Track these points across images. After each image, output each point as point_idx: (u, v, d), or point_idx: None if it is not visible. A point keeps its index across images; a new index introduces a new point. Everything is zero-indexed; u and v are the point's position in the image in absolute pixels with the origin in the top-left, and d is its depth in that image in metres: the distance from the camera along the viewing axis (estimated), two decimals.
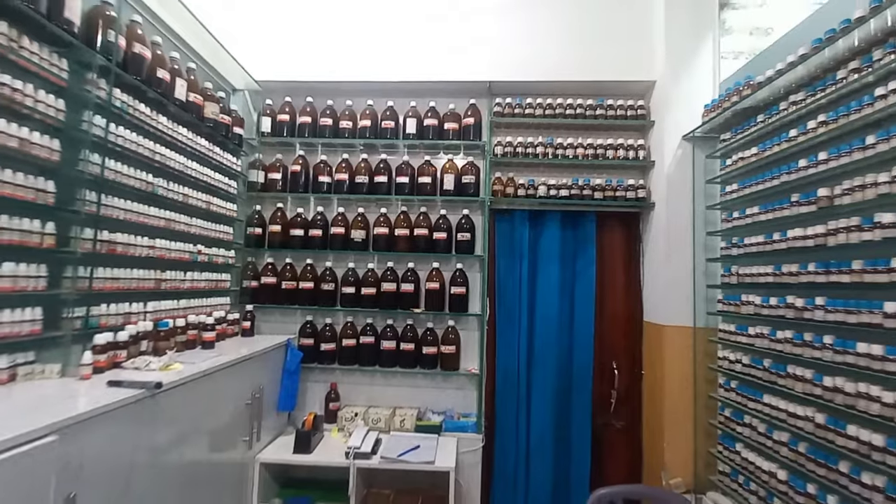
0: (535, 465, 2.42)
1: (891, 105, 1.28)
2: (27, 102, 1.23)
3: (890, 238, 1.27)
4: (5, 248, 1.19)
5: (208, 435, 1.61)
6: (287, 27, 2.51)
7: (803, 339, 1.55)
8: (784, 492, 1.60)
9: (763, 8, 2.30)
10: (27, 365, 1.27)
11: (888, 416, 1.24)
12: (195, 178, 2.01)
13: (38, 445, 0.90)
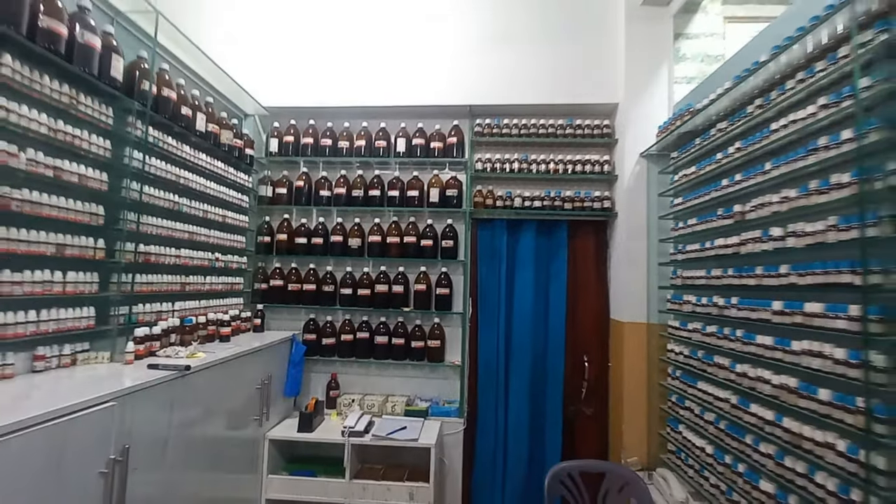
0: (512, 446, 2.72)
1: (781, 137, 1.55)
2: (83, 145, 1.57)
3: (779, 248, 1.55)
4: (69, 260, 1.53)
5: (226, 413, 1.94)
6: (292, 59, 2.84)
7: (723, 333, 1.82)
8: (710, 464, 1.87)
9: (714, 38, 2.56)
10: (84, 352, 1.61)
11: (775, 395, 1.51)
12: (213, 196, 2.34)
13: (104, 408, 1.23)
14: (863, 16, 1.23)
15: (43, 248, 1.43)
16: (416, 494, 2.23)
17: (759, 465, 1.57)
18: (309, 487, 2.26)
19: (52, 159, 1.45)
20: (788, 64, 1.54)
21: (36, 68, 1.39)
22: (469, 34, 2.78)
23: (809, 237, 1.40)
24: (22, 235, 1.37)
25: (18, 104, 1.34)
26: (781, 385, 1.48)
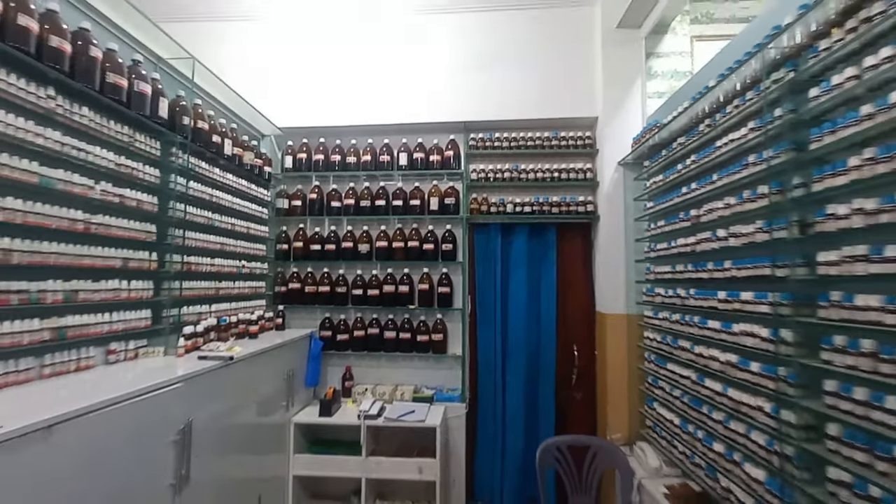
0: (510, 427, 3.01)
1: (724, 153, 1.83)
2: (139, 175, 1.88)
3: (724, 247, 1.83)
4: (132, 272, 1.84)
5: (259, 399, 2.25)
6: (303, 83, 3.14)
7: (685, 320, 2.11)
8: (677, 434, 2.16)
9: (682, 56, 2.85)
10: (143, 347, 1.92)
11: (723, 370, 1.80)
12: (238, 210, 2.65)
13: (174, 388, 1.54)
14: (776, 57, 1.52)
15: (112, 262, 1.74)
16: (425, 469, 2.53)
17: (713, 430, 1.86)
18: (330, 464, 2.57)
19: (118, 188, 1.76)
20: (729, 90, 1.82)
21: (104, 115, 1.70)
22: (462, 57, 3.07)
23: (744, 238, 1.69)
24: (98, 252, 1.68)
25: (94, 146, 1.65)
26: (727, 361, 1.77)
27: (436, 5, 3.07)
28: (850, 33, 1.24)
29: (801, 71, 1.42)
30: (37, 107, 1.43)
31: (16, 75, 1.37)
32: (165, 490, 1.51)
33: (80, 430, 1.19)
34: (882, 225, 1.14)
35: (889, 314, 1.11)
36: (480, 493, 2.99)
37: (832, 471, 1.27)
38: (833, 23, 1.30)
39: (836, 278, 1.29)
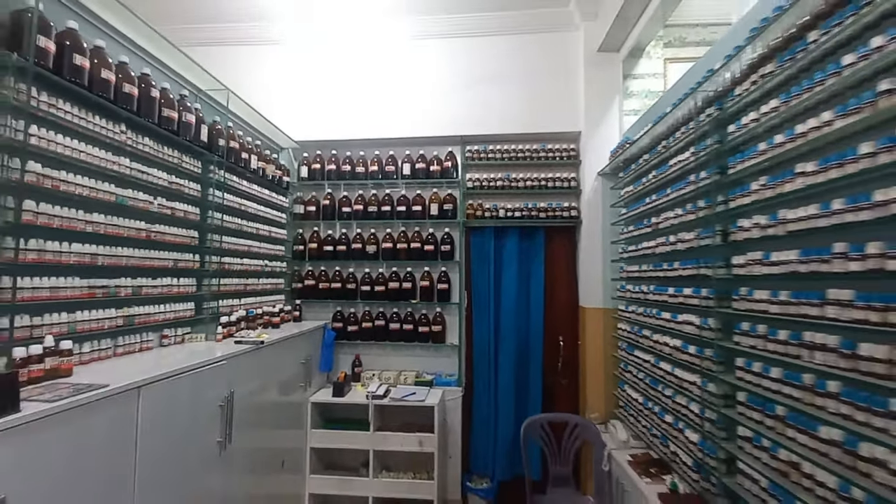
0: (501, 408, 3.37)
1: (676, 170, 2.17)
2: (185, 190, 2.26)
3: (674, 251, 2.17)
4: (180, 271, 2.22)
5: (282, 380, 2.63)
6: (316, 101, 3.50)
7: (648, 312, 2.45)
8: (641, 411, 2.51)
9: (655, 77, 3.17)
10: (188, 333, 2.30)
11: (671, 353, 2.14)
12: (262, 216, 3.03)
13: (220, 365, 1.92)
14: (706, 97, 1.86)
15: (166, 263, 2.13)
16: (425, 442, 2.90)
17: (665, 404, 2.21)
18: (342, 438, 2.95)
19: (170, 202, 2.15)
20: (679, 118, 2.16)
21: (160, 142, 2.08)
22: (459, 77, 3.42)
23: (687, 243, 2.03)
24: (156, 255, 2.06)
25: (153, 168, 2.03)
26: (674, 346, 2.12)
27: (435, 32, 3.42)
28: (753, 84, 1.58)
29: (724, 110, 1.76)
30: (113, 140, 1.81)
31: (98, 116, 1.75)
32: (215, 445, 1.89)
33: (159, 392, 1.56)
34: (770, 237, 1.49)
35: (773, 304, 1.45)
36: (475, 467, 3.36)
37: (740, 429, 1.62)
38: (744, 75, 1.64)
39: (744, 277, 1.63)
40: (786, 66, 1.40)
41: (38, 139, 1.48)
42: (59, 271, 1.59)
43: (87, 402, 1.27)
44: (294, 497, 2.85)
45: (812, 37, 1.30)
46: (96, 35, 1.78)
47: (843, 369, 1.18)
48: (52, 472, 1.17)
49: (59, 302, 1.58)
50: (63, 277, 1.60)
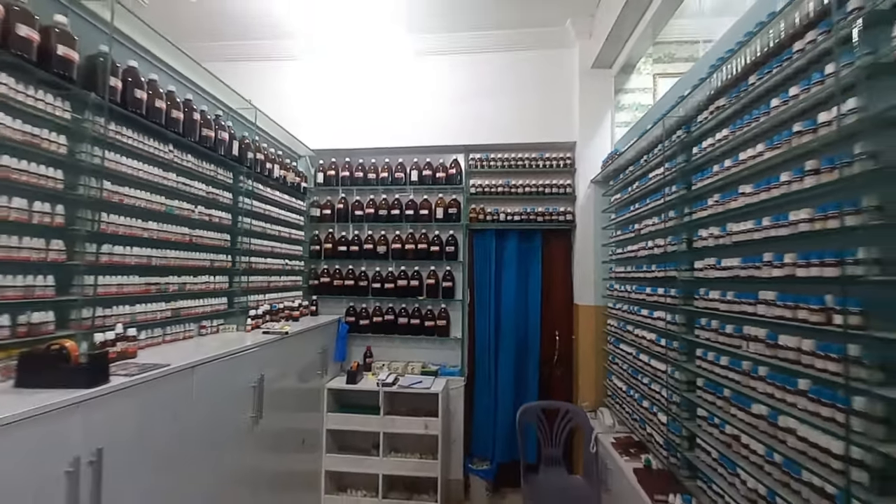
0: (501, 397, 3.65)
1: (653, 183, 2.42)
2: (220, 199, 2.57)
3: (651, 255, 2.43)
4: (216, 269, 2.53)
5: (302, 367, 2.93)
6: (331, 113, 3.79)
7: (631, 309, 2.72)
8: (624, 398, 2.78)
9: (645, 92, 3.41)
10: (222, 325, 2.61)
11: (648, 346, 2.41)
12: (283, 219, 3.34)
13: (253, 351, 2.23)
14: (675, 120, 2.11)
15: (204, 263, 2.44)
16: (430, 425, 3.20)
17: (643, 391, 2.48)
18: (355, 420, 3.26)
19: (208, 210, 2.46)
20: (657, 136, 2.41)
21: (200, 158, 2.39)
22: (463, 90, 3.69)
23: (661, 248, 2.29)
24: (197, 256, 2.37)
25: (194, 181, 2.33)
26: (650, 339, 2.38)
27: (439, 49, 3.69)
28: (711, 114, 1.83)
29: (690, 133, 2.01)
30: (164, 159, 2.12)
31: (152, 139, 2.05)
32: (248, 419, 2.21)
33: (207, 372, 1.87)
34: (721, 246, 1.75)
35: (723, 303, 1.72)
36: (476, 450, 3.65)
37: (699, 410, 1.89)
38: (704, 105, 1.89)
39: (702, 279, 1.89)
40: (733, 102, 1.66)
41: (108, 162, 1.79)
42: (123, 271, 1.90)
43: (156, 377, 1.58)
44: (312, 473, 3.16)
45: (751, 80, 1.56)
46: (149, 69, 2.09)
47: (768, 356, 1.45)
48: (131, 431, 1.48)
49: (124, 297, 1.90)
50: (126, 276, 1.91)
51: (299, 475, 2.95)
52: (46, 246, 1.55)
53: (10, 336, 1.43)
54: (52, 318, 1.57)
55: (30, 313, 1.50)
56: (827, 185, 1.21)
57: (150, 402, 1.57)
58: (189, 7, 3.33)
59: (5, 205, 1.42)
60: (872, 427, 1.06)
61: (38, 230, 1.52)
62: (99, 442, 1.33)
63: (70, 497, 1.23)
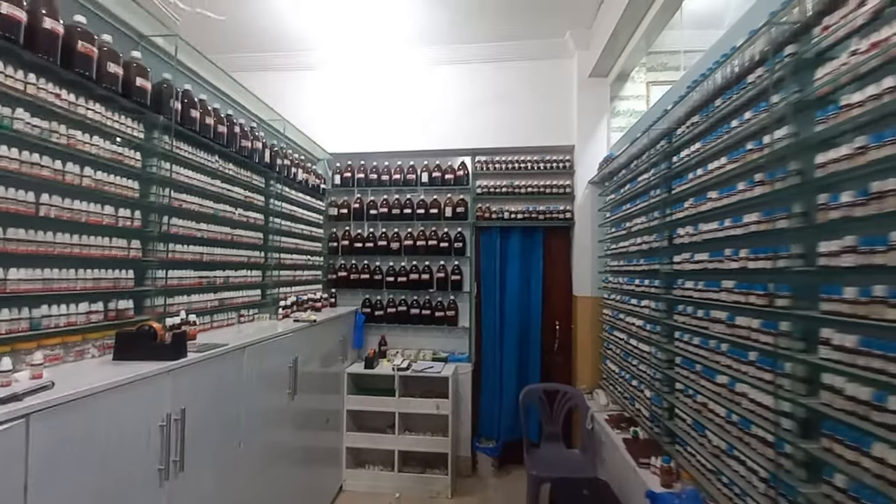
0: (506, 381, 3.96)
1: (641, 186, 2.71)
2: (254, 201, 2.87)
3: (639, 250, 2.72)
4: (251, 264, 2.85)
5: (325, 353, 3.25)
6: (348, 119, 4.09)
7: (623, 299, 3.01)
8: (617, 379, 3.09)
9: (639, 99, 3.69)
10: (257, 314, 2.93)
11: (636, 331, 2.70)
12: (306, 219, 3.65)
13: (288, 336, 2.55)
14: (660, 132, 2.40)
15: (243, 259, 2.75)
16: (441, 406, 3.51)
17: (632, 371, 2.78)
18: (373, 401, 3.58)
19: (246, 212, 2.77)
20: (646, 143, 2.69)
21: (239, 166, 2.69)
22: (470, 98, 3.97)
23: (647, 244, 2.59)
24: (237, 253, 2.69)
25: (235, 186, 2.64)
26: (638, 325, 2.68)
27: (448, 58, 3.97)
28: (687, 129, 2.12)
29: (671, 144, 2.30)
30: (211, 168, 2.43)
31: (202, 151, 2.36)
32: (287, 395, 2.53)
33: (255, 352, 2.19)
34: (695, 243, 2.04)
35: (695, 291, 2.01)
36: (483, 430, 3.97)
37: (677, 384, 2.19)
38: (682, 120, 2.17)
39: (680, 272, 2.18)
40: (704, 119, 1.94)
41: (173, 173, 2.10)
42: (183, 266, 2.21)
43: (219, 355, 1.90)
44: (334, 450, 3.49)
45: (717, 102, 1.85)
46: (199, 90, 2.39)
47: (728, 335, 1.74)
48: (203, 396, 1.79)
49: (183, 288, 2.21)
50: (184, 270, 2.22)
51: (324, 451, 3.28)
52: (128, 245, 1.86)
53: (103, 319, 1.75)
54: (132, 304, 1.88)
55: (116, 301, 1.82)
56: (769, 194, 1.50)
57: (215, 375, 1.89)
58: (217, 22, 3.63)
59: (99, 211, 1.73)
60: (797, 385, 1.36)
61: (122, 232, 1.84)
62: (182, 403, 1.65)
63: (164, 444, 1.56)
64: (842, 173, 1.21)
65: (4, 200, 1.39)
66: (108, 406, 1.35)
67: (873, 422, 1.10)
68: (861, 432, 1.13)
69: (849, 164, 1.18)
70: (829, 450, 1.24)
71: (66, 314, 1.60)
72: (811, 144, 1.32)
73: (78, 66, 1.58)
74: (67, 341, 1.58)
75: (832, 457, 1.22)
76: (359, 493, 3.52)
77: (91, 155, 1.68)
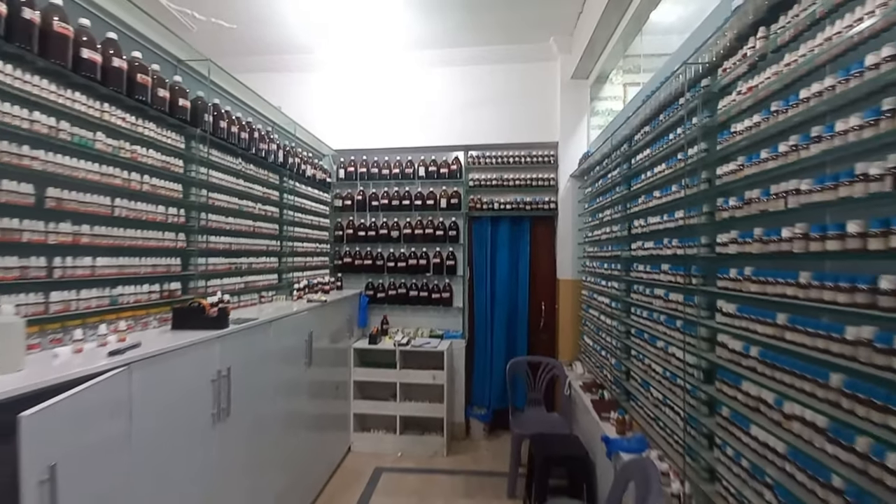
0: (496, 356, 4.40)
1: (609, 182, 3.09)
2: (271, 197, 3.27)
3: (609, 238, 3.12)
4: (270, 252, 3.26)
5: (334, 330, 3.68)
6: (351, 117, 4.45)
7: (596, 281, 3.42)
8: (591, 352, 3.52)
9: (616, 99, 4.04)
10: (274, 295, 3.35)
11: (608, 309, 3.12)
12: (314, 210, 4.05)
13: (304, 313, 2.97)
14: (623, 136, 2.78)
15: (262, 247, 3.16)
16: (437, 376, 3.96)
17: (601, 343, 3.21)
18: (377, 373, 4.03)
19: (264, 206, 3.16)
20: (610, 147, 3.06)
21: (258, 166, 3.08)
22: (463, 97, 4.32)
23: (613, 234, 2.99)
24: (259, 242, 3.09)
25: (255, 185, 3.03)
26: (605, 304, 3.10)
27: (443, 61, 4.31)
28: (641, 136, 2.50)
29: (631, 147, 2.68)
30: (236, 169, 2.81)
31: (229, 154, 2.74)
32: (304, 363, 2.96)
33: (278, 326, 2.61)
34: (646, 233, 2.44)
35: (645, 274, 2.42)
36: (475, 399, 4.43)
37: (632, 351, 2.61)
38: (637, 128, 2.55)
39: (636, 257, 2.59)
40: (651, 130, 2.33)
41: (211, 178, 2.50)
42: (216, 254, 2.62)
43: (251, 327, 2.32)
44: (343, 416, 3.95)
45: (661, 118, 2.23)
46: (225, 102, 2.76)
47: (665, 308, 2.16)
48: (241, 359, 2.22)
49: (216, 273, 2.63)
50: (217, 258, 2.63)
51: (334, 417, 3.74)
52: (176, 237, 2.27)
53: (160, 298, 2.17)
54: (180, 286, 2.30)
55: (169, 283, 2.23)
56: (689, 196, 1.89)
57: (249, 343, 2.32)
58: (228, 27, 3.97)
59: (154, 210, 2.13)
60: (702, 343, 1.77)
61: (171, 227, 2.24)
62: (228, 363, 2.08)
63: (216, 394, 1.99)
64: (730, 183, 1.60)
65: (92, 205, 1.79)
66: (178, 362, 1.77)
67: (742, 366, 1.52)
68: (737, 375, 1.55)
69: (734, 177, 1.58)
70: (720, 390, 1.66)
71: (134, 293, 2.01)
72: (714, 160, 1.72)
73: (138, 94, 1.96)
74: (137, 315, 2.00)
75: (722, 395, 1.64)
76: (365, 453, 3.99)
77: (148, 165, 2.08)
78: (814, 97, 1.20)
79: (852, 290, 1.06)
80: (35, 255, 1.58)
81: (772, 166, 1.36)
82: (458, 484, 3.44)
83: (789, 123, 1.29)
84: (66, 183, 1.68)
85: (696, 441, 1.79)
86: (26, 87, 1.53)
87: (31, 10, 1.52)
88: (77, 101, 1.72)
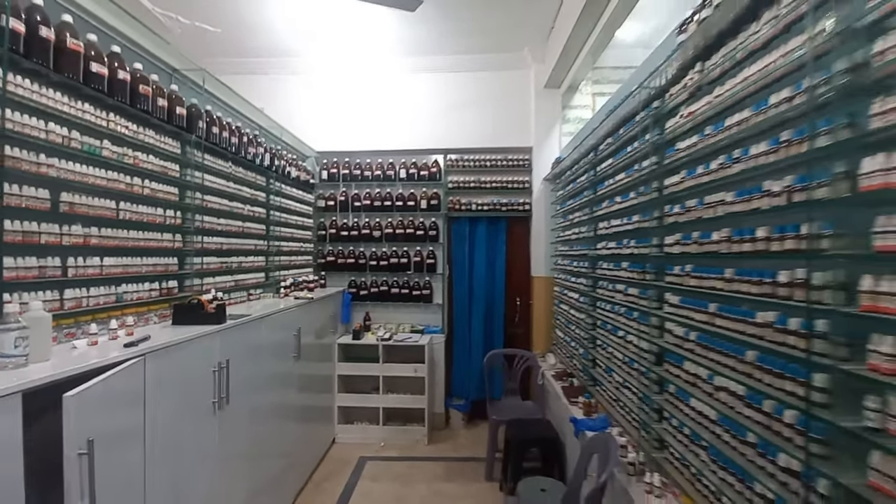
0: (474, 349, 4.63)
1: (578, 187, 3.36)
2: (258, 198, 3.40)
3: (578, 238, 3.39)
4: (258, 251, 3.39)
5: (319, 326, 3.83)
6: (333, 120, 4.59)
7: (567, 278, 3.70)
8: (562, 344, 3.79)
9: (585, 108, 4.33)
10: (262, 293, 3.48)
11: (577, 304, 3.39)
12: (298, 211, 4.18)
13: (292, 310, 3.12)
14: (590, 146, 3.04)
15: (251, 247, 3.29)
16: (418, 369, 4.16)
17: (571, 334, 3.48)
18: (360, 367, 4.21)
19: (252, 207, 3.29)
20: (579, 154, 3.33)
21: (245, 168, 3.21)
22: (442, 103, 4.52)
23: (581, 234, 3.25)
24: (246, 242, 3.22)
25: (244, 187, 3.16)
26: (574, 298, 3.37)
27: (424, 67, 4.50)
28: (606, 146, 2.76)
29: (596, 156, 2.95)
30: (226, 173, 2.94)
31: (221, 159, 2.87)
32: (292, 358, 3.12)
33: (269, 322, 2.76)
34: (610, 234, 2.71)
35: (608, 270, 2.69)
36: (455, 391, 4.66)
37: (598, 340, 2.88)
38: (602, 140, 2.82)
39: (601, 256, 2.86)
40: (612, 142, 2.59)
41: (205, 181, 2.62)
42: (209, 254, 2.75)
43: (247, 322, 2.47)
44: (328, 409, 4.11)
45: (620, 131, 2.49)
46: (217, 108, 2.88)
47: (624, 302, 2.42)
48: (238, 352, 2.37)
49: (209, 271, 2.76)
50: (210, 257, 2.76)
51: (320, 409, 3.90)
52: (173, 238, 2.40)
53: (159, 295, 2.30)
54: (176, 284, 2.43)
55: (167, 281, 2.36)
56: (643, 202, 2.16)
57: (244, 338, 2.47)
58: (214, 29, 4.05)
59: (154, 213, 2.26)
60: (653, 331, 2.04)
61: (169, 228, 2.37)
62: (227, 356, 2.23)
63: (216, 384, 2.14)
64: (675, 193, 1.87)
65: (100, 208, 1.92)
66: (184, 354, 1.92)
67: (684, 349, 1.78)
68: (680, 356, 1.82)
69: (678, 187, 1.84)
70: (668, 370, 1.93)
71: (136, 291, 2.14)
72: (663, 172, 1.98)
73: (140, 104, 2.09)
74: (139, 311, 2.13)
75: (668, 375, 1.91)
76: (350, 443, 4.17)
77: (148, 170, 2.20)
78: (735, 125, 1.46)
79: (760, 283, 1.33)
80: (51, 255, 1.71)
81: (705, 180, 1.62)
82: (438, 469, 3.66)
83: (718, 145, 1.56)
84: (77, 188, 1.81)
85: (648, 416, 2.06)
86: (43, 100, 1.66)
87: (46, 28, 1.65)
88: (87, 111, 1.84)
